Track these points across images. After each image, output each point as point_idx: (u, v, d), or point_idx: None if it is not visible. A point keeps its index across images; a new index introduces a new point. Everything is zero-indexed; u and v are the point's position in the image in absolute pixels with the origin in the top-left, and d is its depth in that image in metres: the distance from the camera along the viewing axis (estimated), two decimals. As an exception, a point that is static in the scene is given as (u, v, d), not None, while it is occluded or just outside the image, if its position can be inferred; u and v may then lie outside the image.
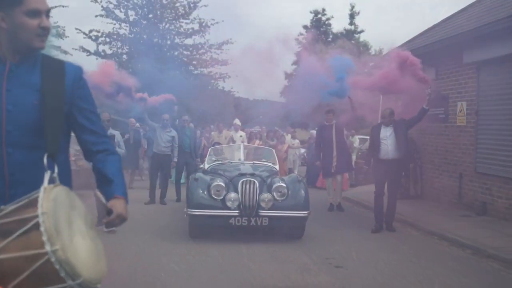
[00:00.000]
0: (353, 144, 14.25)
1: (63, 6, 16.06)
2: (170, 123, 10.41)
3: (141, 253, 6.17)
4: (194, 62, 22.30)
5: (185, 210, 6.95)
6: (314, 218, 7.57)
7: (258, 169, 7.75)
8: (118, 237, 6.91)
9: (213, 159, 8.89)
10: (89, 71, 8.81)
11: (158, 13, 21.09)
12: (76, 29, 22.64)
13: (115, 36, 21.20)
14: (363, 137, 16.12)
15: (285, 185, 6.95)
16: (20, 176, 1.89)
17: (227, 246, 6.53)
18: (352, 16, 34.00)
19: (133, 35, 21.19)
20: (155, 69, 13.68)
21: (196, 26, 21.60)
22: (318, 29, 32.88)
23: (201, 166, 9.44)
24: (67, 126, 2.06)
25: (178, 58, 20.81)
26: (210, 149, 9.83)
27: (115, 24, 21.13)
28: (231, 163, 8.54)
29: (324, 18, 34.88)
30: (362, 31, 34.69)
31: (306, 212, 6.87)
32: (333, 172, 9.75)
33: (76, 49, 20.20)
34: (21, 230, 1.56)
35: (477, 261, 6.10)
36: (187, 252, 6.26)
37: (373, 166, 8.13)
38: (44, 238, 1.53)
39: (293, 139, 15.59)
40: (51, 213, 1.57)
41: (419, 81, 7.94)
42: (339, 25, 64.40)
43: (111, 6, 20.73)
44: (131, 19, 21.17)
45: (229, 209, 6.73)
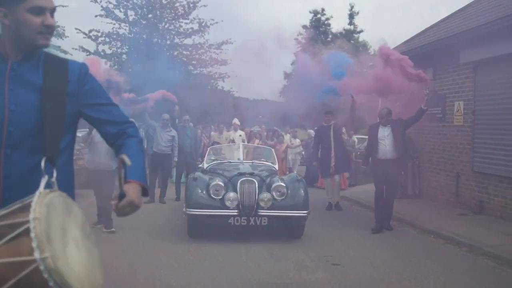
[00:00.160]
0: (355, 144, 14.30)
1: (62, 6, 16.13)
2: (170, 123, 10.46)
3: (140, 251, 6.25)
4: (194, 62, 22.36)
5: (184, 209, 6.93)
6: (313, 217, 7.62)
7: (257, 169, 7.70)
8: (118, 235, 7.01)
9: (212, 158, 8.85)
10: None
11: (158, 13, 21.13)
12: (76, 29, 22.62)
13: (114, 36, 21.25)
14: (361, 137, 16.17)
15: (284, 184, 6.92)
16: (16, 179, 1.80)
17: (225, 244, 6.60)
18: (352, 16, 34.00)
19: (132, 35, 21.24)
20: (147, 66, 13.67)
21: (196, 26, 21.66)
22: (318, 29, 32.87)
23: (200, 165, 9.40)
24: (74, 129, 1.98)
25: (177, 58, 20.86)
26: (209, 148, 9.78)
27: (114, 24, 21.17)
28: (230, 162, 8.47)
29: (323, 18, 34.90)
30: (361, 31, 34.69)
31: (305, 212, 6.84)
32: (332, 172, 9.82)
33: (76, 49, 20.25)
34: (11, 235, 1.46)
35: (473, 258, 6.18)
36: (186, 250, 6.33)
37: (372, 166, 8.18)
38: (34, 244, 1.43)
39: (294, 138, 15.64)
40: (44, 218, 1.47)
41: (414, 79, 7.93)
42: (338, 25, 64.45)
43: (110, 6, 20.76)
44: (130, 19, 21.20)
45: (228, 208, 6.70)
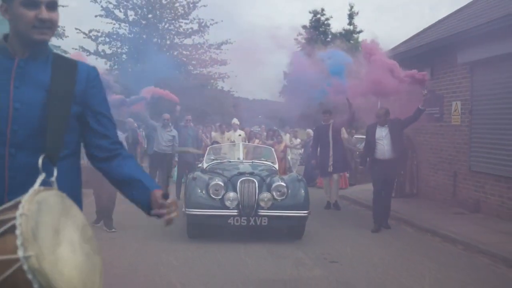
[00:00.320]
0: (357, 144, 14.37)
1: (62, 6, 16.22)
2: (173, 123, 10.53)
3: (141, 249, 6.33)
4: (194, 62, 22.47)
5: (183, 209, 6.88)
6: (311, 216, 7.68)
7: (257, 168, 7.64)
8: (119, 234, 7.09)
9: (212, 158, 8.79)
10: None
11: (158, 13, 21.25)
12: (76, 29, 22.76)
13: (114, 36, 21.36)
14: (361, 137, 16.23)
15: (284, 184, 6.86)
16: (21, 180, 1.72)
17: (224, 242, 6.67)
18: (351, 16, 34.06)
19: (132, 35, 21.34)
20: (146, 66, 13.75)
21: (196, 26, 21.78)
22: (317, 29, 32.93)
23: (199, 165, 9.30)
24: (79, 131, 1.94)
25: (177, 58, 20.95)
26: (209, 148, 9.71)
27: (114, 24, 21.32)
28: (230, 162, 8.39)
29: (323, 18, 34.95)
30: (361, 31, 34.74)
31: (306, 212, 6.79)
32: (330, 171, 9.88)
33: (76, 49, 20.35)
34: None
35: (468, 256, 6.26)
36: (185, 248, 6.41)
37: (370, 166, 8.23)
38: (18, 242, 1.33)
39: (294, 138, 15.68)
40: (32, 215, 1.37)
41: (409, 81, 8.00)
42: (338, 25, 64.51)
43: (110, 6, 20.91)
44: (130, 19, 21.33)
45: (228, 208, 6.64)
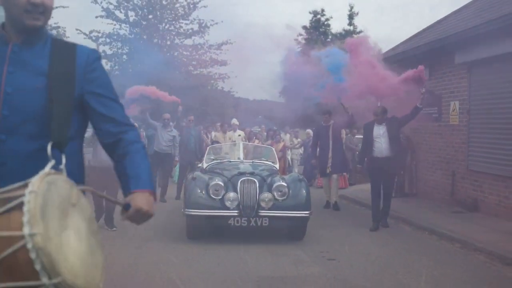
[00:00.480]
0: (358, 144, 14.38)
1: (63, 7, 16.30)
2: (176, 123, 10.58)
3: (141, 247, 6.40)
4: (194, 63, 22.52)
5: (183, 210, 6.87)
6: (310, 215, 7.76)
7: (257, 168, 7.56)
8: (119, 232, 7.16)
9: (212, 158, 8.73)
10: None
11: (158, 14, 21.29)
12: (76, 29, 22.74)
13: (115, 37, 21.41)
14: (361, 137, 16.24)
15: (285, 184, 6.77)
16: (12, 166, 1.67)
17: (224, 240, 6.73)
18: (351, 16, 34.11)
19: (133, 35, 21.40)
20: (146, 66, 13.80)
21: (196, 27, 21.82)
22: (317, 29, 32.99)
23: (199, 165, 9.28)
24: (82, 115, 1.87)
25: (177, 59, 21.01)
26: (209, 147, 9.68)
27: (115, 25, 21.35)
28: (230, 162, 8.33)
29: (323, 19, 35.00)
30: (361, 31, 34.78)
31: (307, 212, 6.70)
32: (328, 172, 9.91)
33: (76, 49, 20.39)
34: (2, 209, 1.31)
35: (465, 254, 6.33)
36: (185, 245, 6.49)
37: (368, 165, 8.28)
38: (25, 219, 1.26)
39: (295, 138, 15.72)
40: (41, 193, 1.31)
41: (410, 81, 8.05)
42: (338, 25, 64.62)
43: (111, 7, 20.94)
44: (131, 20, 21.36)
45: (228, 209, 6.56)
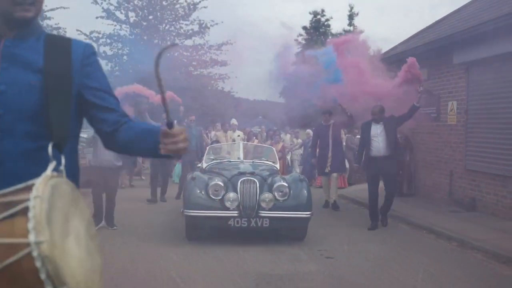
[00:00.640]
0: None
1: (64, 8, 16.36)
2: (176, 123, 10.58)
3: (141, 245, 6.47)
4: (194, 63, 22.58)
5: (182, 210, 6.84)
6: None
7: (258, 168, 7.47)
8: (120, 231, 7.25)
9: (211, 158, 8.69)
10: None
11: (158, 14, 21.38)
12: (77, 30, 22.81)
13: (115, 38, 21.50)
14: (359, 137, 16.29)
15: (286, 184, 6.68)
16: (7, 167, 1.58)
17: (223, 238, 6.77)
18: (351, 17, 34.17)
19: (133, 36, 21.48)
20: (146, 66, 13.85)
21: (196, 27, 21.90)
22: (318, 30, 33.05)
23: (199, 165, 9.22)
24: (79, 113, 1.80)
25: (178, 59, 21.07)
26: (209, 147, 9.64)
27: (115, 26, 21.44)
28: (230, 162, 8.26)
29: (323, 19, 35.05)
30: (361, 32, 34.77)
31: (308, 213, 6.61)
32: (327, 172, 9.96)
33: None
34: (4, 214, 1.24)
35: (462, 252, 6.39)
36: (185, 243, 6.56)
37: (365, 164, 8.30)
38: (30, 225, 1.20)
39: (296, 139, 15.76)
40: (46, 198, 1.26)
41: (408, 80, 8.08)
42: (338, 26, 64.52)
43: (111, 7, 21.02)
44: (131, 20, 21.45)
45: (228, 209, 6.46)
